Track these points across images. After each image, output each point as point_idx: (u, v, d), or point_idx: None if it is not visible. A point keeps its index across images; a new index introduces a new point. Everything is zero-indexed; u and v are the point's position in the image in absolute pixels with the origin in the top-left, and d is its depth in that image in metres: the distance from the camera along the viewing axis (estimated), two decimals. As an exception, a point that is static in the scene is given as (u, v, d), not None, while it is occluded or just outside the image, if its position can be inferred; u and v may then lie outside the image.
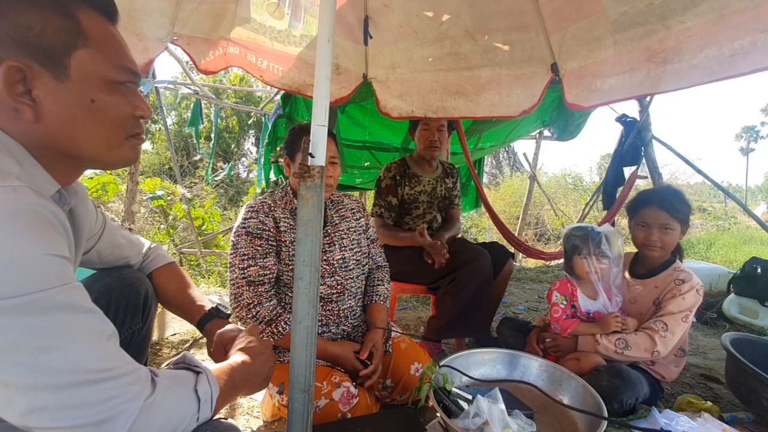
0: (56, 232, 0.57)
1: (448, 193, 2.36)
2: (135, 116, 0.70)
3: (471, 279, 1.89)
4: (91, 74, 0.63)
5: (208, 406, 0.68)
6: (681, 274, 1.57)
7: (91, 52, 0.63)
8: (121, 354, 0.61)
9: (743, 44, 1.24)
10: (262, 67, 1.92)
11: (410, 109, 2.11)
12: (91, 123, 0.64)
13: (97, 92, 0.64)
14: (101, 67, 0.64)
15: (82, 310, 0.57)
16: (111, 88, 0.65)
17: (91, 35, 0.63)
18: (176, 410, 0.63)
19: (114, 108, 0.66)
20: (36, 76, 0.59)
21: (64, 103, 0.61)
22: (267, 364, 0.89)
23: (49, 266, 0.54)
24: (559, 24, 1.71)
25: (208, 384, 0.70)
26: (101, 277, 1.02)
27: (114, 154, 0.69)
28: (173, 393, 0.63)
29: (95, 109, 0.64)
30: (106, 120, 0.65)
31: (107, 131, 0.66)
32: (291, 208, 1.45)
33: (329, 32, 0.91)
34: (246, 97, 10.13)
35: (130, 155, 0.72)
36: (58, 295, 0.54)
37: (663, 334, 1.46)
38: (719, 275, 3.51)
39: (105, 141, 0.67)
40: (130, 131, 0.70)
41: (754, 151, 43.71)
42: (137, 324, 1.05)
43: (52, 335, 0.53)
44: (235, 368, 0.81)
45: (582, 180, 11.99)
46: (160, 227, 5.20)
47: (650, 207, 1.59)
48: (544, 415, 1.25)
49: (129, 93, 0.69)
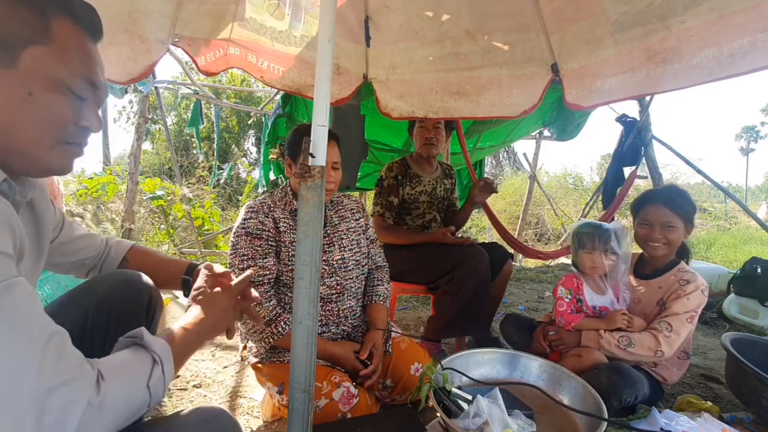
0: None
1: (447, 194, 2.36)
2: (79, 125, 0.68)
3: (469, 278, 1.89)
4: (41, 71, 0.62)
5: (160, 395, 0.67)
6: (686, 274, 1.56)
7: (49, 51, 0.62)
8: (66, 355, 0.56)
9: (743, 44, 1.24)
10: (262, 67, 1.92)
11: (411, 110, 2.12)
12: (22, 115, 0.62)
13: (38, 88, 0.62)
14: (55, 68, 0.63)
15: (21, 311, 0.53)
16: (58, 90, 0.64)
17: (57, 38, 0.63)
18: (124, 410, 0.60)
19: (52, 108, 0.64)
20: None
21: (1, 90, 0.60)
22: (221, 312, 0.87)
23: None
24: (560, 24, 1.71)
25: (162, 375, 0.67)
26: (103, 280, 1.00)
27: (40, 155, 0.65)
28: (121, 392, 0.60)
29: (31, 102, 0.62)
30: (39, 117, 0.63)
31: (38, 129, 0.63)
32: (290, 209, 1.45)
33: (330, 33, 0.91)
34: (246, 97, 10.14)
35: (60, 162, 0.68)
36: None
37: (667, 335, 1.46)
38: (719, 275, 3.51)
39: (33, 139, 0.64)
40: (66, 137, 0.67)
41: (754, 151, 43.72)
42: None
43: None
44: (190, 330, 0.79)
45: (582, 180, 12.00)
46: (160, 227, 5.20)
47: (652, 204, 1.59)
48: (544, 415, 1.25)
49: (80, 103, 0.67)
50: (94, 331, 0.94)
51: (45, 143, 0.65)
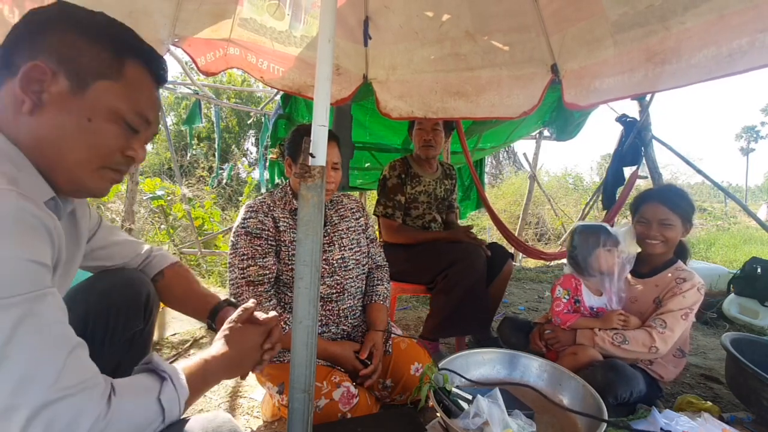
0: (38, 238, 0.58)
1: (446, 194, 2.36)
2: (125, 154, 0.73)
3: (463, 276, 1.89)
4: (105, 101, 0.68)
5: (175, 411, 0.69)
6: (682, 273, 1.58)
7: (117, 87, 0.70)
8: (84, 367, 0.60)
9: (741, 44, 1.24)
10: (262, 67, 1.92)
11: (410, 110, 2.12)
12: (76, 138, 0.67)
13: (98, 116, 0.68)
14: (118, 102, 0.70)
15: (49, 320, 0.57)
16: (115, 120, 0.70)
17: (126, 77, 0.71)
18: (133, 424, 0.62)
19: (105, 136, 0.70)
20: (54, 82, 0.65)
21: (64, 111, 0.66)
22: (247, 350, 0.88)
23: (23, 272, 0.55)
24: (560, 25, 1.71)
25: (174, 389, 0.69)
26: (102, 277, 1.01)
27: (83, 176, 0.70)
28: (132, 408, 0.63)
29: (87, 127, 0.68)
30: (91, 142, 0.69)
31: (86, 152, 0.69)
32: (290, 208, 1.46)
33: (330, 33, 0.91)
34: (246, 97, 10.14)
35: (99, 185, 0.73)
36: (25, 303, 0.54)
37: (661, 331, 1.47)
38: (719, 275, 3.51)
39: (81, 160, 0.69)
40: (109, 163, 0.72)
41: (754, 151, 43.73)
42: (139, 325, 1.04)
43: (9, 346, 0.52)
44: (210, 361, 0.80)
45: (582, 180, 12.00)
46: (160, 227, 5.20)
47: (650, 202, 1.61)
48: (544, 415, 1.25)
49: (132, 136, 0.74)
50: (95, 329, 0.96)
51: (90, 166, 0.71)
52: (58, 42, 0.66)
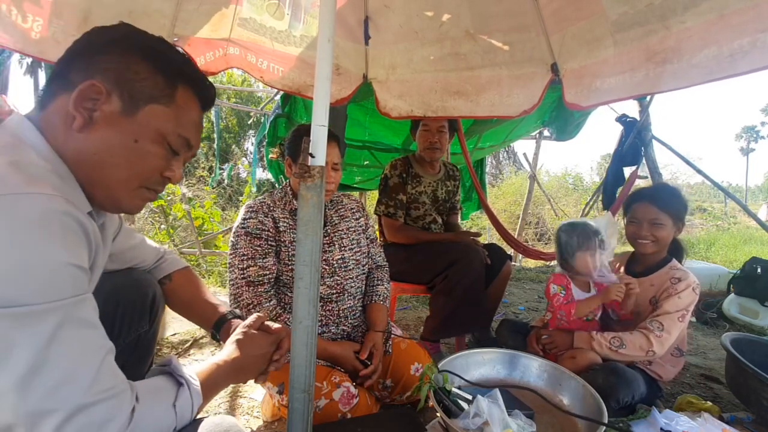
0: (80, 242, 0.60)
1: (449, 196, 2.34)
2: (163, 175, 0.75)
3: (462, 277, 1.89)
4: (153, 124, 0.70)
5: (187, 417, 0.70)
6: (677, 272, 1.57)
7: (167, 111, 0.71)
8: (114, 372, 0.61)
9: (743, 44, 1.24)
10: (262, 67, 1.92)
11: (410, 109, 2.11)
12: (121, 157, 0.69)
13: (145, 138, 0.70)
14: (166, 126, 0.71)
15: (87, 325, 0.59)
16: (160, 143, 0.72)
17: (177, 103, 0.72)
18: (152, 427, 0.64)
19: (148, 157, 0.71)
20: (107, 102, 0.67)
21: (113, 130, 0.67)
22: (257, 356, 0.90)
23: (67, 276, 0.56)
24: (560, 24, 1.71)
25: (189, 396, 0.71)
26: (109, 278, 1.01)
27: (121, 195, 0.72)
28: (151, 414, 0.64)
29: (133, 148, 0.69)
30: (134, 162, 0.70)
31: (128, 172, 0.71)
32: (290, 208, 1.45)
33: (329, 32, 0.91)
34: (247, 97, 10.14)
35: (134, 203, 0.75)
36: (68, 307, 0.56)
37: (658, 334, 1.47)
38: (719, 275, 3.51)
39: (122, 179, 0.71)
40: (148, 183, 0.74)
41: (754, 151, 43.75)
42: (144, 326, 1.05)
43: (52, 349, 0.54)
44: (221, 365, 0.82)
45: (582, 180, 12.01)
46: (160, 227, 5.20)
47: (640, 202, 1.62)
48: (544, 415, 1.25)
49: (173, 157, 0.75)
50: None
51: (130, 185, 0.72)
52: (117, 63, 0.67)
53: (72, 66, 0.68)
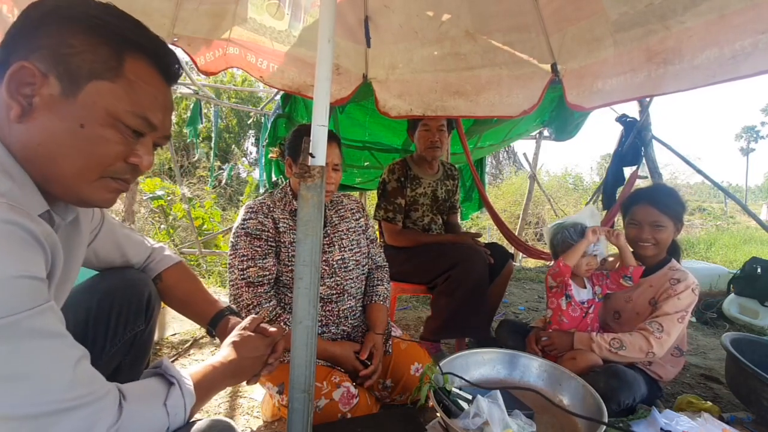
0: (30, 250, 0.55)
1: (448, 196, 2.34)
2: (128, 161, 0.67)
3: (465, 278, 1.88)
4: (100, 104, 0.61)
5: (180, 417, 0.68)
6: (676, 273, 1.57)
7: (114, 87, 0.62)
8: (91, 378, 0.59)
9: (744, 45, 1.23)
10: (262, 67, 1.92)
11: (409, 108, 2.11)
12: (69, 146, 0.61)
13: (91, 121, 0.61)
14: (116, 104, 0.62)
15: (50, 335, 0.56)
16: (112, 125, 0.63)
17: (126, 75, 0.63)
18: (143, 428, 0.63)
19: (101, 143, 0.63)
20: (45, 84, 0.59)
21: (55, 117, 0.60)
22: (254, 358, 0.88)
23: (18, 289, 0.52)
24: (559, 24, 1.71)
25: (181, 395, 0.69)
26: (104, 278, 1.01)
27: (81, 187, 0.64)
28: (140, 414, 0.63)
29: (81, 134, 0.61)
30: (85, 150, 0.62)
31: (82, 161, 0.62)
32: (290, 209, 1.45)
33: (329, 32, 0.91)
34: (247, 97, 10.14)
35: (101, 196, 0.67)
36: (25, 320, 0.52)
37: (658, 336, 1.46)
38: (719, 275, 3.52)
39: (76, 171, 0.63)
40: (110, 172, 0.65)
41: (754, 151, 43.73)
42: (140, 326, 1.04)
43: (17, 363, 0.52)
44: (217, 367, 0.81)
45: (582, 180, 12.02)
46: (160, 227, 5.20)
47: (640, 204, 1.61)
48: (544, 415, 1.25)
49: (135, 141, 0.67)
50: (97, 329, 0.96)
51: (88, 177, 0.64)
52: (51, 39, 0.59)
53: (12, 49, 0.60)
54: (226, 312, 1.07)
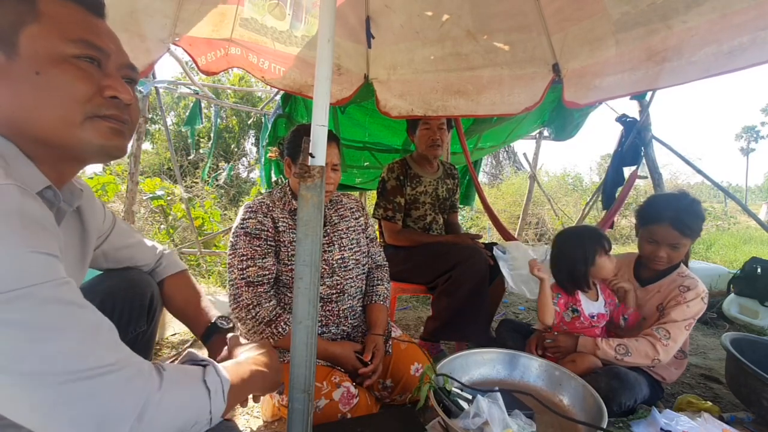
0: (44, 231, 0.56)
1: (449, 194, 2.35)
2: (104, 95, 0.65)
3: (466, 278, 1.88)
4: (40, 49, 0.61)
5: (219, 398, 0.67)
6: (686, 280, 1.55)
7: (41, 28, 0.61)
8: (121, 347, 0.59)
9: (742, 41, 1.24)
10: (263, 67, 1.92)
11: (410, 108, 2.11)
12: (38, 98, 0.61)
13: (43, 66, 0.60)
14: (51, 42, 0.61)
15: (74, 304, 0.55)
16: (63, 62, 0.62)
17: (44, 11, 0.62)
18: (185, 404, 0.61)
19: (63, 82, 0.62)
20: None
21: (12, 80, 0.60)
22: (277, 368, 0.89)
23: (35, 263, 0.52)
24: (561, 24, 1.71)
25: (217, 375, 0.68)
26: (106, 278, 1.01)
27: (73, 134, 0.63)
28: (181, 386, 0.62)
29: (41, 82, 0.61)
30: (54, 94, 0.61)
31: (59, 108, 0.62)
32: (290, 208, 1.45)
33: (329, 32, 0.91)
34: (246, 97, 10.13)
35: (100, 138, 0.65)
36: (46, 290, 0.52)
37: (665, 343, 1.45)
38: (719, 275, 3.52)
39: (57, 118, 0.62)
40: (92, 110, 0.64)
41: (755, 151, 43.74)
42: (142, 326, 1.04)
43: (44, 328, 0.51)
44: (243, 363, 0.81)
45: (582, 180, 12.01)
46: (160, 227, 5.20)
47: (662, 224, 1.52)
48: (544, 416, 1.25)
49: (91, 69, 0.65)
50: None
51: (72, 120, 0.63)
52: None
53: None
54: (222, 325, 1.07)
